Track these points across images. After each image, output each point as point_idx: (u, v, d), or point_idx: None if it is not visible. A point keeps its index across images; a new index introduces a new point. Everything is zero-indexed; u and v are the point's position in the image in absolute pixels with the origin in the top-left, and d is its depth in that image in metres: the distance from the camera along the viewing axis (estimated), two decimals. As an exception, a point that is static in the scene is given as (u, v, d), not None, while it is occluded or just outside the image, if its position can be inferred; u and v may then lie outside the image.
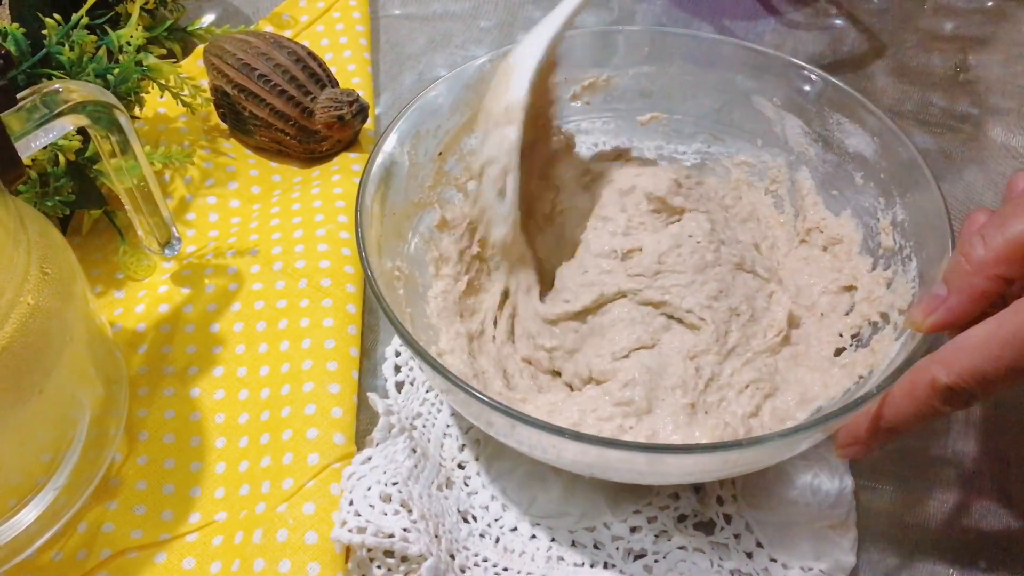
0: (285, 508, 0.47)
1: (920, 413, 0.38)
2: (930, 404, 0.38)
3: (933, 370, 0.37)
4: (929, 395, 0.38)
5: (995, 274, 0.37)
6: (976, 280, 0.38)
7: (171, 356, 0.55)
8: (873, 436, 0.40)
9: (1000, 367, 0.36)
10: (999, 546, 0.47)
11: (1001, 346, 0.36)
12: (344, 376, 0.52)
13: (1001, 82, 0.71)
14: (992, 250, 0.37)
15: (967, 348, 0.37)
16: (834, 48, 0.75)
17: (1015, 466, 0.50)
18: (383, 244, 0.50)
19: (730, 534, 0.48)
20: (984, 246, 0.38)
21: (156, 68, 0.63)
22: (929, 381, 0.37)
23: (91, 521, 0.49)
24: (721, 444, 0.43)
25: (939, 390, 0.37)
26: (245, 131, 0.66)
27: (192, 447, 0.51)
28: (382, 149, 0.51)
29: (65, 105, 0.46)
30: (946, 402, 0.37)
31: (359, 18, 0.76)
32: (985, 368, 0.36)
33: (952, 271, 0.39)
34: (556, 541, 0.48)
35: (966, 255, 0.38)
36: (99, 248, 0.61)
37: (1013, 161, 0.65)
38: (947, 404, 0.38)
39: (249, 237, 0.60)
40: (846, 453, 0.42)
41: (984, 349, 0.36)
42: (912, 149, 0.49)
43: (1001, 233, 0.37)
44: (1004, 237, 0.37)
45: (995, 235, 0.38)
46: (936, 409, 0.38)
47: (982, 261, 0.38)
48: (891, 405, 0.39)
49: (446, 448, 0.51)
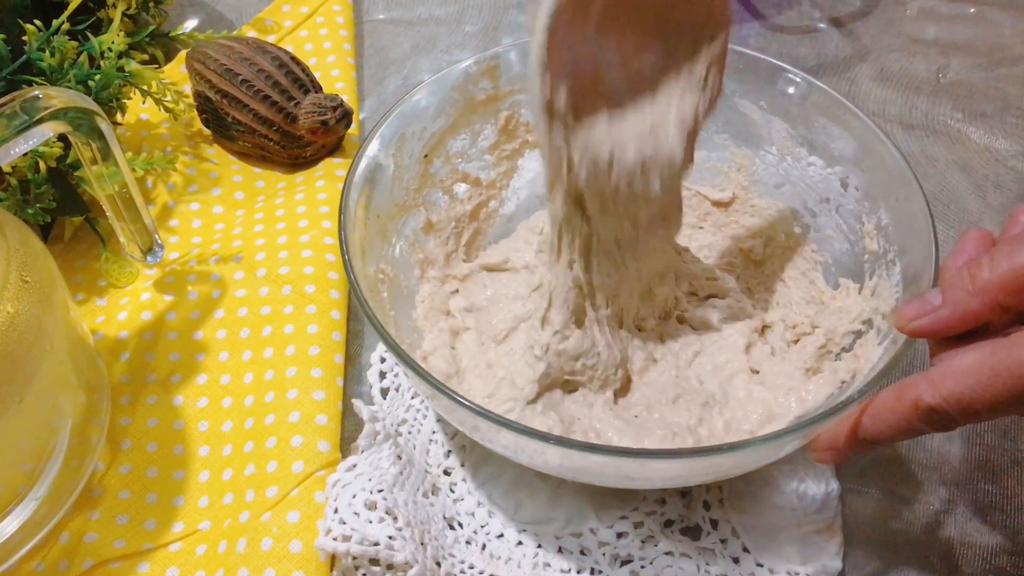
0: (269, 516, 0.47)
1: (900, 429, 0.38)
2: (911, 422, 0.38)
3: (919, 388, 0.37)
4: (912, 413, 0.38)
5: (993, 300, 0.37)
6: (973, 301, 0.38)
7: (154, 364, 0.55)
8: (851, 444, 0.40)
9: (986, 397, 0.36)
10: (984, 550, 0.47)
11: (991, 376, 0.35)
12: (329, 383, 0.52)
13: (983, 86, 0.71)
14: (997, 276, 0.37)
15: (956, 372, 0.36)
16: (818, 52, 0.75)
17: (1000, 471, 0.50)
18: (367, 248, 0.50)
19: (716, 539, 0.48)
20: (990, 270, 0.38)
21: (138, 74, 0.62)
22: (914, 399, 0.37)
23: (73, 531, 0.48)
24: (706, 449, 0.43)
25: (922, 409, 0.37)
26: (228, 137, 0.66)
27: (175, 455, 0.51)
28: (366, 153, 0.51)
29: (45, 111, 0.45)
30: (927, 422, 0.37)
31: (343, 23, 0.76)
32: (971, 396, 0.36)
33: (952, 284, 0.39)
34: (542, 547, 0.48)
35: (972, 275, 0.38)
36: (81, 255, 0.61)
37: (995, 164, 0.65)
38: (928, 424, 0.37)
39: (232, 243, 0.60)
40: (821, 458, 0.42)
41: (973, 376, 0.36)
42: (896, 153, 0.49)
43: (1009, 261, 0.37)
44: (1011, 265, 0.37)
45: (1002, 262, 0.37)
46: (916, 428, 0.38)
47: (985, 284, 0.38)
48: (872, 416, 0.39)
49: (432, 454, 0.51)
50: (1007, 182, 0.64)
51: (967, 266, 0.39)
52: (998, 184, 0.64)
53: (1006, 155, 0.66)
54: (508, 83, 0.57)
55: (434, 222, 0.56)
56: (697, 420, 0.48)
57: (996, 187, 0.64)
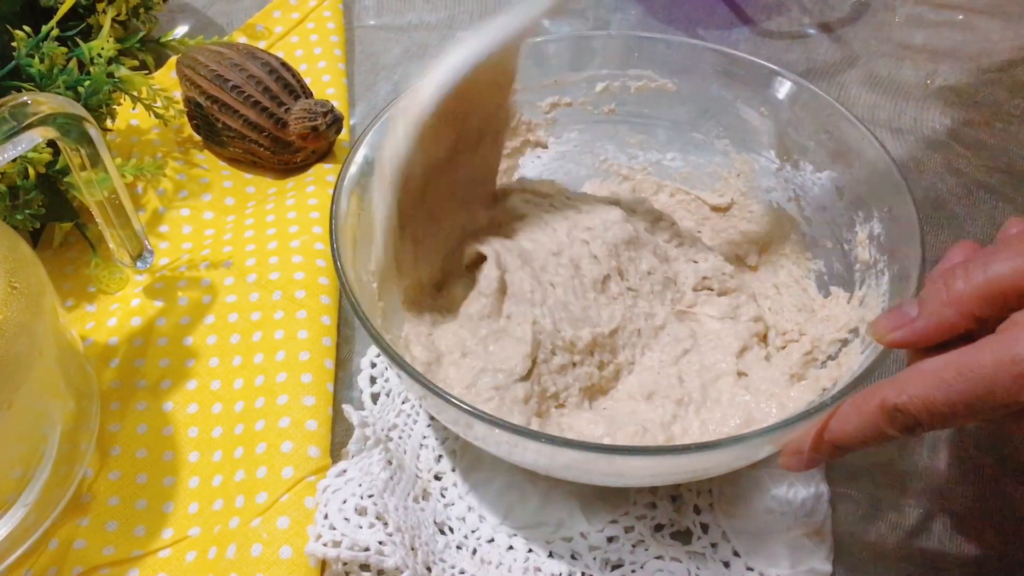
0: (259, 522, 0.47)
1: (865, 430, 0.38)
2: (876, 423, 0.38)
3: (885, 389, 0.37)
4: (876, 413, 0.37)
5: (968, 310, 0.37)
6: (949, 312, 0.38)
7: (143, 370, 0.55)
8: (817, 449, 0.40)
9: (950, 399, 0.35)
10: (974, 554, 0.48)
11: (955, 378, 0.35)
12: (319, 388, 0.52)
13: (971, 92, 0.72)
14: (971, 286, 0.37)
15: (922, 374, 0.36)
16: (807, 57, 0.75)
17: (989, 476, 0.50)
18: (359, 252, 0.50)
19: (707, 543, 0.48)
20: (965, 281, 0.38)
21: (128, 80, 0.62)
22: (880, 400, 0.37)
23: (62, 538, 0.48)
24: (672, 448, 0.44)
25: (887, 410, 0.37)
26: (219, 143, 0.66)
27: (165, 462, 0.51)
28: (355, 159, 0.51)
29: (34, 117, 0.45)
30: (892, 424, 0.37)
31: (334, 28, 0.76)
32: (935, 396, 0.36)
33: (928, 296, 0.39)
34: (533, 552, 0.48)
35: (947, 285, 0.38)
36: (71, 261, 0.61)
37: (983, 169, 0.66)
38: (893, 426, 0.37)
39: (223, 249, 0.60)
40: (787, 463, 0.41)
41: (937, 377, 0.36)
42: (889, 160, 0.49)
43: (983, 271, 0.37)
44: (985, 276, 0.37)
45: (977, 272, 0.37)
46: (882, 430, 0.38)
47: (959, 295, 0.38)
48: (839, 419, 0.39)
49: (422, 459, 0.51)
50: (995, 186, 0.65)
51: (942, 277, 0.39)
52: (987, 188, 0.65)
53: (994, 160, 0.66)
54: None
55: None
56: (671, 417, 0.48)
57: (984, 192, 0.64)
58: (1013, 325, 0.35)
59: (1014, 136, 0.68)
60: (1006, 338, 0.35)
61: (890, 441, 0.38)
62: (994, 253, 0.38)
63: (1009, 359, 0.34)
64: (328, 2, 0.78)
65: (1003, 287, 0.37)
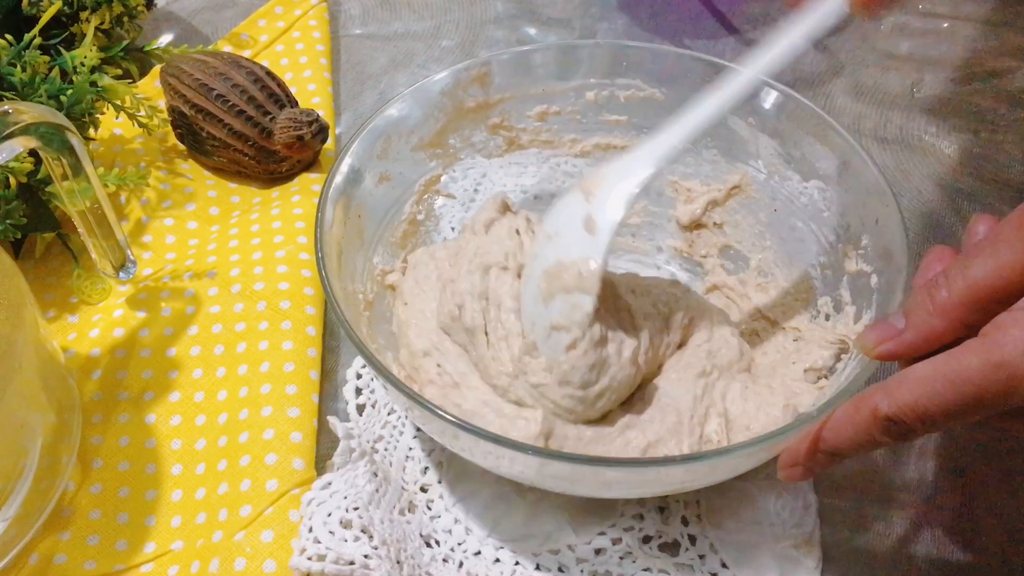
0: (243, 536, 0.46)
1: (858, 439, 0.38)
2: (869, 432, 0.38)
3: (876, 398, 0.37)
4: (869, 423, 0.38)
5: (956, 318, 0.37)
6: (935, 322, 0.38)
7: (126, 382, 0.54)
8: (811, 459, 0.40)
9: (941, 405, 0.36)
10: (962, 563, 0.48)
11: (944, 385, 0.35)
12: (304, 400, 0.52)
13: (956, 100, 0.72)
14: (955, 294, 0.37)
15: (912, 381, 0.36)
16: (793, 67, 0.74)
17: (979, 485, 0.50)
18: (343, 262, 0.50)
19: (695, 555, 0.47)
20: (948, 289, 0.38)
21: (111, 89, 0.62)
22: (871, 409, 0.37)
23: (43, 552, 0.47)
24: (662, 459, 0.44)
25: (879, 419, 0.37)
26: (203, 152, 0.65)
27: (148, 475, 0.50)
28: (340, 169, 0.51)
29: (15, 127, 0.45)
30: (884, 432, 0.37)
31: (319, 37, 0.76)
32: (926, 404, 0.36)
33: (914, 307, 0.39)
34: (520, 565, 0.47)
35: (931, 296, 0.38)
36: (53, 272, 0.60)
37: (969, 178, 0.66)
38: (885, 435, 0.37)
39: (207, 259, 0.59)
40: (787, 475, 0.42)
41: (927, 385, 0.36)
42: (876, 170, 0.49)
43: (963, 278, 0.37)
44: (965, 283, 0.37)
45: (957, 279, 0.38)
46: (875, 438, 0.38)
47: (944, 304, 0.38)
48: (832, 428, 0.39)
49: (408, 471, 0.51)
50: (981, 195, 0.65)
51: (926, 287, 0.39)
52: (972, 197, 0.65)
53: (980, 169, 0.67)
54: (497, 91, 0.57)
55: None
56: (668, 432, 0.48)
57: (970, 200, 0.65)
58: (995, 328, 0.36)
59: (999, 145, 0.68)
60: (988, 343, 0.35)
61: (884, 447, 0.39)
62: (970, 258, 0.38)
63: (993, 365, 0.35)
64: (314, 11, 0.78)
65: (984, 291, 0.37)
